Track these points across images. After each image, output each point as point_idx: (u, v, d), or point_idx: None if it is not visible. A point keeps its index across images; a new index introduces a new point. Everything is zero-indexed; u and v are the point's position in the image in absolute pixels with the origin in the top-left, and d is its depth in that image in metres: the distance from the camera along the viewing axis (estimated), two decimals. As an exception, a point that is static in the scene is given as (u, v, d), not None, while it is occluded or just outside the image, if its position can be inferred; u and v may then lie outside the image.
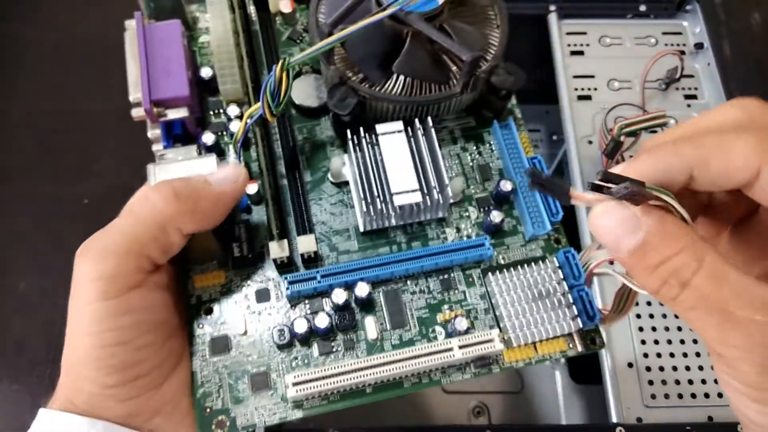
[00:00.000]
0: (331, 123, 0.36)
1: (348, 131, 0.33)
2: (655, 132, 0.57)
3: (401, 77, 0.34)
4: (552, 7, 0.67)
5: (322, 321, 0.30)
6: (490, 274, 0.33)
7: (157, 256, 0.28)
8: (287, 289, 0.31)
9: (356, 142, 0.33)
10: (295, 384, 0.29)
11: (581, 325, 0.31)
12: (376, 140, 0.33)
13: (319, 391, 0.29)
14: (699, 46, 0.64)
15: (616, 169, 0.23)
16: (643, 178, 0.22)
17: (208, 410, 0.30)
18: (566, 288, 0.32)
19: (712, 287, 0.21)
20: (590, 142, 0.61)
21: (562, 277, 0.33)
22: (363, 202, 0.32)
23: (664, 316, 0.54)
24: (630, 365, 0.51)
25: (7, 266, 0.73)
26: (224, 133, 0.36)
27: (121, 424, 0.27)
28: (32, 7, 0.88)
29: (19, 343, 0.69)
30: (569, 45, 0.66)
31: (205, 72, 0.36)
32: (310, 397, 0.30)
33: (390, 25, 0.33)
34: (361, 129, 0.33)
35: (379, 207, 0.32)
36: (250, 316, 0.32)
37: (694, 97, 0.63)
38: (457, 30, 0.34)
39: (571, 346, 0.32)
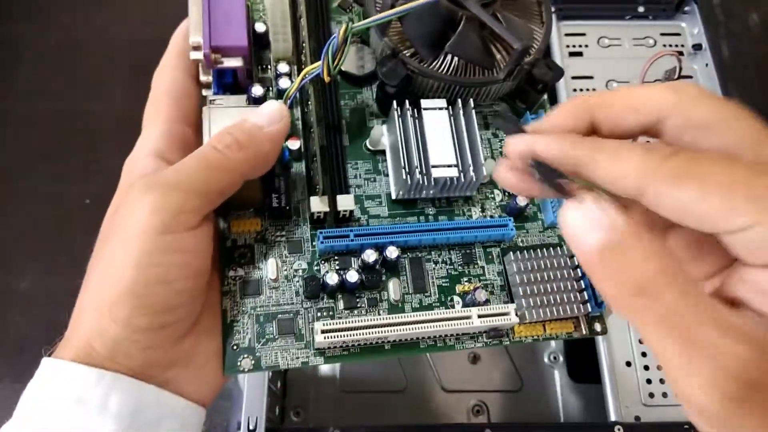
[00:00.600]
0: (376, 92, 0.38)
1: (394, 102, 0.35)
2: None
3: (449, 57, 0.36)
4: (551, 9, 0.68)
5: (352, 276, 0.32)
6: (510, 253, 0.35)
7: (217, 201, 0.28)
8: (322, 243, 0.32)
9: (400, 113, 0.35)
10: (323, 332, 0.30)
11: (589, 310, 0.34)
12: (420, 114, 0.35)
13: (343, 341, 0.31)
14: (697, 47, 0.65)
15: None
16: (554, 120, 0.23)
17: (235, 347, 0.31)
18: (579, 274, 0.34)
19: (681, 305, 0.19)
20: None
21: (576, 264, 0.35)
22: (402, 170, 0.34)
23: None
24: (628, 364, 0.53)
25: (7, 266, 0.73)
26: (271, 88, 0.37)
27: (133, 376, 0.26)
28: (32, 7, 0.88)
29: (21, 342, 0.69)
30: (568, 46, 0.67)
31: (259, 27, 0.37)
32: (333, 346, 0.31)
33: (446, 6, 0.35)
34: (406, 101, 0.35)
35: (416, 177, 0.33)
36: (282, 264, 0.33)
37: None
38: (507, 20, 0.36)
39: (576, 328, 0.34)
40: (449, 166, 0.34)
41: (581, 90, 0.65)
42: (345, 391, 0.66)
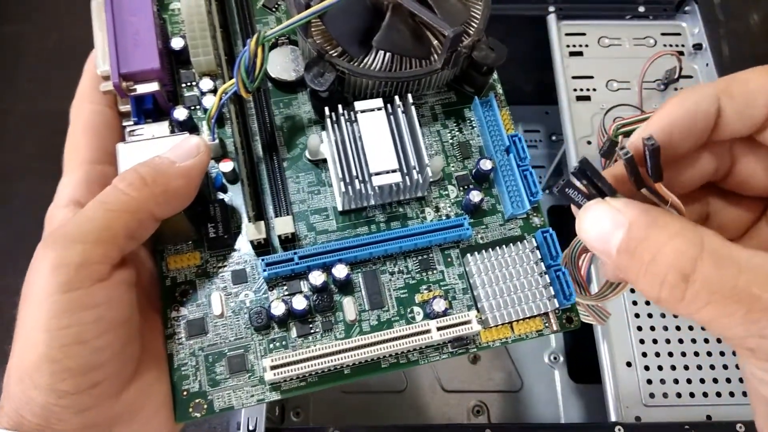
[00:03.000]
0: (309, 98, 0.35)
1: (326, 108, 0.32)
2: None
3: (381, 52, 0.33)
4: (551, 9, 0.66)
5: (299, 303, 0.30)
6: (468, 254, 0.33)
7: (127, 245, 0.27)
8: (264, 271, 0.30)
9: (334, 119, 0.33)
10: (272, 368, 0.29)
11: (557, 305, 0.32)
12: (355, 118, 0.33)
13: (297, 374, 0.29)
14: (698, 46, 0.64)
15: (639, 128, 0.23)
16: (673, 116, 0.22)
17: (185, 393, 0.30)
18: (543, 268, 0.32)
19: (723, 273, 0.18)
20: (589, 143, 0.61)
21: (540, 257, 0.33)
22: (341, 182, 0.31)
23: (663, 315, 0.54)
24: (629, 364, 0.52)
25: (7, 266, 0.72)
26: (198, 107, 0.35)
27: None
28: (32, 8, 0.86)
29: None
30: (568, 46, 0.66)
31: (177, 42, 0.35)
32: (288, 379, 0.30)
33: (370, -3, 0.32)
34: (340, 106, 0.33)
35: (357, 188, 0.31)
36: (226, 297, 0.31)
37: None
38: (440, 2, 0.33)
39: (546, 325, 0.32)
40: (391, 171, 0.32)
41: (581, 90, 0.64)
42: (345, 391, 0.66)
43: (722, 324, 0.18)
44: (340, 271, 0.31)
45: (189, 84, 0.35)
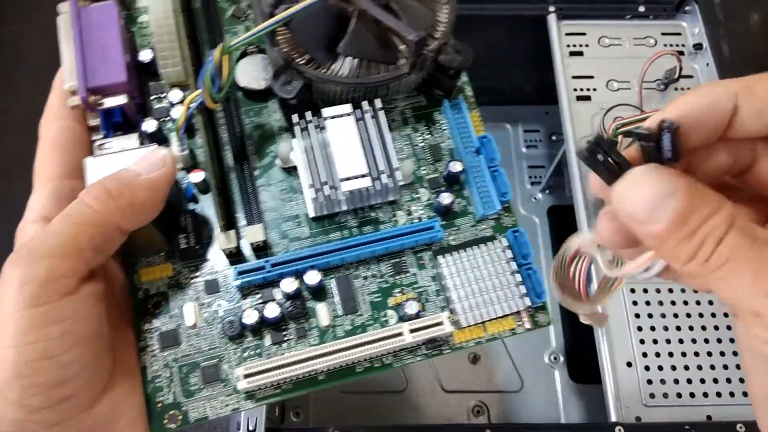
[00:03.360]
0: (279, 106, 0.35)
1: (294, 115, 0.33)
2: None
3: (348, 58, 0.33)
4: (551, 8, 0.66)
5: (271, 311, 0.30)
6: (440, 256, 0.33)
7: (94, 259, 0.27)
8: (236, 279, 0.30)
9: (303, 126, 0.33)
10: (246, 376, 0.29)
11: (529, 303, 0.32)
12: (324, 124, 0.33)
13: (271, 382, 0.29)
14: (698, 46, 0.64)
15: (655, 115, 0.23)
16: (691, 111, 0.22)
17: (159, 405, 0.30)
18: (515, 267, 0.33)
19: (745, 241, 0.19)
20: (589, 143, 0.61)
21: (511, 256, 0.33)
22: (311, 188, 0.32)
23: (663, 315, 0.54)
24: (629, 364, 0.52)
25: None
26: (168, 118, 0.35)
27: None
28: (32, 7, 0.86)
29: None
30: (568, 46, 0.66)
31: (145, 55, 0.35)
32: (262, 387, 0.30)
33: (335, 4, 0.32)
34: (308, 113, 0.33)
35: (327, 194, 0.31)
36: (199, 308, 0.31)
37: None
38: (404, 7, 0.33)
39: (519, 323, 0.33)
40: (360, 176, 0.32)
41: (581, 90, 0.64)
42: (345, 391, 0.65)
43: (732, 284, 0.20)
44: (312, 277, 0.31)
45: (159, 96, 0.35)
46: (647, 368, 0.52)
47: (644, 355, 0.53)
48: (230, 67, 0.31)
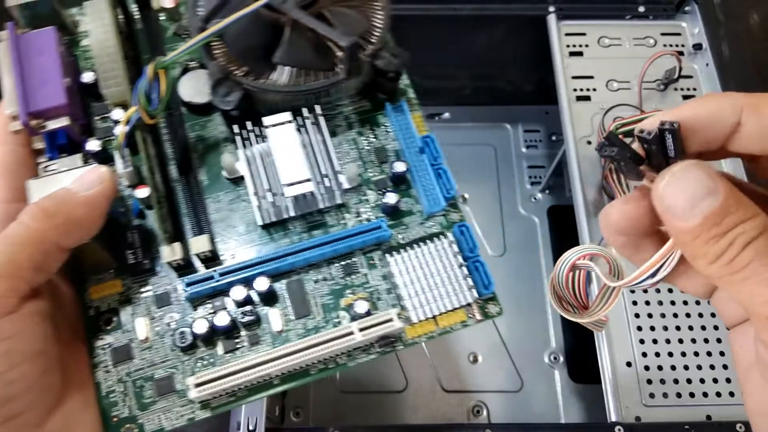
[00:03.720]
0: (222, 118, 0.36)
1: (235, 126, 0.33)
2: None
3: (286, 67, 0.34)
4: (551, 9, 0.67)
5: (221, 320, 0.30)
6: (388, 255, 0.34)
7: (35, 277, 0.27)
8: (185, 291, 0.31)
9: (245, 136, 0.33)
10: (197, 385, 0.29)
11: (477, 295, 0.33)
12: (265, 132, 0.33)
13: (223, 389, 0.29)
14: (698, 46, 0.65)
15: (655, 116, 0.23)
16: (692, 117, 0.21)
17: (114, 419, 0.30)
18: (462, 260, 0.33)
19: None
20: (589, 143, 0.61)
21: (457, 250, 0.34)
22: (256, 196, 0.32)
23: (663, 315, 0.55)
24: (629, 364, 0.52)
25: None
26: (113, 137, 0.35)
27: None
28: None
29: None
30: (568, 46, 0.66)
31: (87, 76, 0.35)
32: (216, 395, 0.30)
33: (268, 16, 0.33)
34: (249, 123, 0.33)
35: (270, 200, 0.32)
36: (151, 321, 0.32)
37: (693, 97, 0.63)
38: (336, 14, 0.34)
39: (470, 315, 0.33)
40: (303, 181, 0.32)
41: (581, 90, 0.65)
42: (345, 391, 0.66)
43: (750, 285, 0.20)
44: (262, 284, 0.31)
45: (102, 116, 0.36)
46: (647, 368, 0.52)
47: (644, 355, 0.53)
48: (167, 82, 0.31)
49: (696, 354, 0.53)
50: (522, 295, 0.72)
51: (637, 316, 0.55)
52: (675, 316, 0.54)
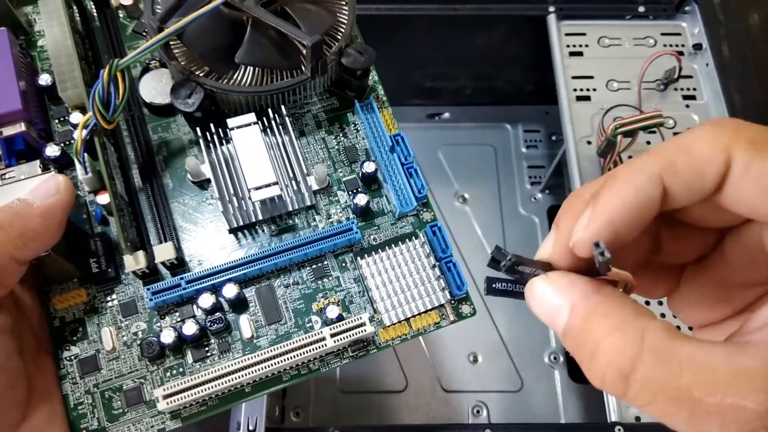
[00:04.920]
0: (185, 120, 0.35)
1: (198, 129, 0.32)
2: (653, 132, 0.57)
3: (250, 67, 0.33)
4: (551, 9, 0.67)
5: (189, 329, 0.30)
6: (359, 258, 0.33)
7: None
8: (150, 300, 0.30)
9: (209, 138, 0.32)
10: (165, 397, 0.28)
11: (449, 297, 0.32)
12: (230, 135, 0.33)
13: (194, 399, 0.29)
14: (698, 46, 0.64)
15: (584, 219, 0.20)
16: (617, 212, 0.19)
17: (84, 431, 0.29)
18: (434, 261, 0.33)
19: (664, 374, 0.17)
20: (589, 143, 0.61)
21: (430, 250, 0.33)
22: (221, 201, 0.31)
23: (663, 315, 0.54)
24: None
25: None
26: (73, 142, 0.34)
27: None
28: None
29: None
30: (568, 46, 0.66)
31: (44, 79, 0.34)
32: (186, 405, 0.29)
33: (228, 14, 0.32)
34: (212, 125, 0.32)
35: (237, 205, 0.31)
36: (117, 331, 0.31)
37: (692, 97, 0.63)
38: (300, 12, 0.33)
39: (443, 316, 0.33)
40: (270, 185, 0.32)
41: (581, 90, 0.64)
42: (345, 391, 0.66)
43: (669, 423, 0.17)
44: (229, 290, 0.31)
45: (62, 119, 0.35)
46: (647, 368, 0.52)
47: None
48: (125, 85, 0.30)
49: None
50: (522, 295, 0.72)
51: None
52: (675, 316, 0.54)
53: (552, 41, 0.66)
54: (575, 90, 0.64)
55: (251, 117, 0.33)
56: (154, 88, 0.35)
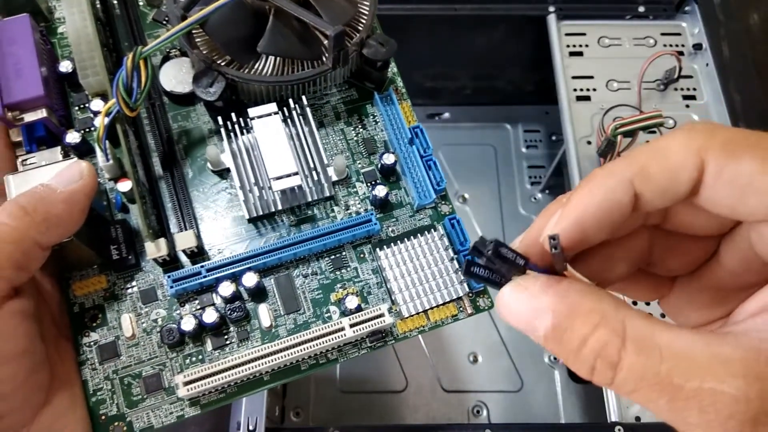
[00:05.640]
0: (206, 109, 0.35)
1: (219, 118, 0.32)
2: (653, 132, 0.57)
3: (271, 56, 0.33)
4: (551, 9, 0.67)
5: (209, 316, 0.30)
6: (378, 249, 0.33)
7: (16, 276, 0.26)
8: (171, 287, 0.30)
9: (229, 128, 0.33)
10: (185, 383, 0.28)
11: (468, 289, 0.32)
12: (251, 124, 0.33)
13: (213, 387, 0.29)
14: (698, 46, 0.64)
15: (555, 217, 0.20)
16: (586, 213, 0.19)
17: (103, 417, 0.29)
18: (452, 254, 0.33)
19: (645, 362, 0.17)
20: (589, 143, 0.61)
21: (448, 243, 0.33)
22: (242, 190, 0.31)
23: (663, 315, 0.54)
24: None
25: None
26: (93, 129, 0.34)
27: None
28: None
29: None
30: (568, 46, 0.66)
31: (65, 66, 0.34)
32: (205, 393, 0.30)
33: (251, 4, 0.32)
34: (233, 114, 0.32)
35: (258, 194, 0.31)
36: (137, 318, 0.31)
37: (692, 97, 0.63)
38: (322, 2, 0.33)
39: (461, 309, 0.33)
40: (291, 175, 0.32)
41: (581, 90, 0.64)
42: (345, 391, 0.66)
43: (652, 409, 0.18)
44: (249, 279, 0.31)
45: (82, 106, 0.35)
46: (647, 368, 0.53)
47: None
48: (148, 73, 0.30)
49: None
50: (522, 295, 0.72)
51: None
52: (664, 315, 0.54)
53: (552, 41, 0.66)
54: (575, 90, 0.64)
55: (272, 107, 0.33)
56: (175, 77, 0.35)
